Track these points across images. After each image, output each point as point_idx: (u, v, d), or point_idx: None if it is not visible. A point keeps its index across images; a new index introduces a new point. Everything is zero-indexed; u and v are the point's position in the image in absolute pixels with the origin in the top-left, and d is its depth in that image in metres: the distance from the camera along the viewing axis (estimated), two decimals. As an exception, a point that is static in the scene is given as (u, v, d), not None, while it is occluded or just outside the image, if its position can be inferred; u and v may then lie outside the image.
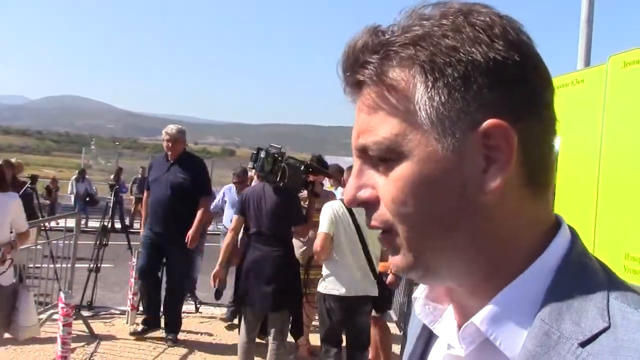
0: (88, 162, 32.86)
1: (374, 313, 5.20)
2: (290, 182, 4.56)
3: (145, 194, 6.55)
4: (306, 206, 5.10)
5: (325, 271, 4.52)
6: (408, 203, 0.64)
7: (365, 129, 0.67)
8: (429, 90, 0.62)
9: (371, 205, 0.68)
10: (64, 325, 4.52)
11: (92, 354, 5.42)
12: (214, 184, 8.16)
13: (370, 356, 5.36)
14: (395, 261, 0.68)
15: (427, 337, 0.81)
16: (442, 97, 0.62)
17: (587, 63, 3.26)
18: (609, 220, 2.48)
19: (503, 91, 0.62)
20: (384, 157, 0.65)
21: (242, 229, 5.12)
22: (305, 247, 5.52)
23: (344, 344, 4.68)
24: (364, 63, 0.66)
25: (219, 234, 7.78)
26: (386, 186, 0.65)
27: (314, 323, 5.84)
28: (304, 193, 5.11)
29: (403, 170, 0.64)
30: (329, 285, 4.46)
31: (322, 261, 4.54)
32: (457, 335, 0.68)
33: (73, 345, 5.09)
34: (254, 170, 5.02)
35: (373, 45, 0.66)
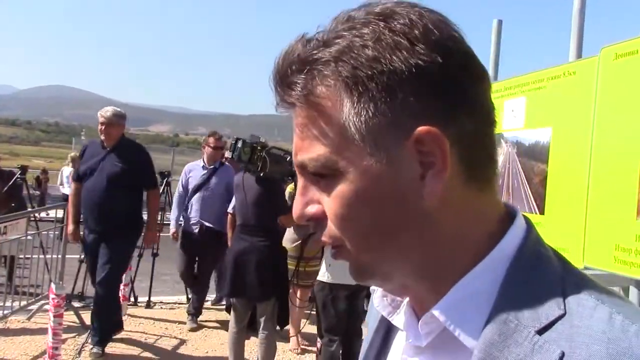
0: (78, 152, 32.60)
1: (366, 305, 5.23)
2: (271, 172, 4.55)
3: (73, 186, 5.68)
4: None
5: (328, 261, 4.53)
6: (350, 218, 0.65)
7: (301, 147, 0.67)
8: (355, 105, 0.62)
9: (319, 220, 0.68)
10: (54, 316, 4.51)
11: (83, 344, 5.40)
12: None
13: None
14: (353, 272, 0.70)
15: (386, 329, 0.82)
16: (369, 112, 0.61)
17: (579, 55, 3.27)
18: (599, 211, 2.49)
19: (430, 96, 0.62)
20: (322, 174, 0.65)
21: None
22: (299, 241, 5.52)
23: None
24: (290, 84, 0.65)
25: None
26: (328, 203, 0.66)
27: (306, 311, 5.86)
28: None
29: (341, 187, 0.64)
30: (333, 274, 4.47)
31: (326, 249, 4.55)
32: (415, 326, 0.70)
33: (64, 336, 5.08)
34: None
35: (299, 61, 0.65)
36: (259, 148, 4.50)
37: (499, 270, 0.64)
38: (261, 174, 4.53)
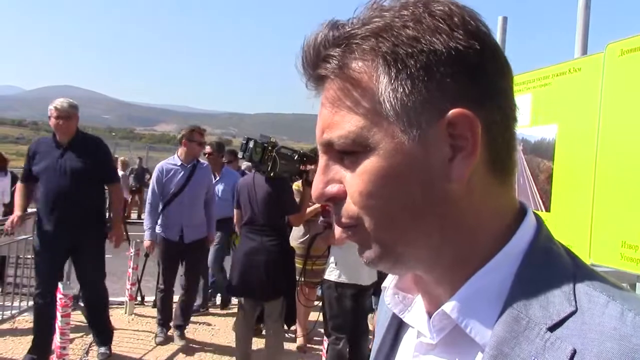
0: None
1: (374, 304, 5.25)
2: (282, 171, 4.56)
3: (20, 187, 5.14)
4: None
5: (334, 260, 4.53)
6: (375, 195, 0.64)
7: (330, 124, 0.66)
8: (392, 81, 0.62)
9: (339, 200, 0.68)
10: (62, 316, 4.53)
11: (90, 344, 5.43)
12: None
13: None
14: (365, 255, 0.69)
15: (397, 327, 0.82)
16: (406, 89, 0.62)
17: (585, 51, 3.26)
18: (605, 208, 2.49)
19: (465, 80, 0.62)
20: (350, 151, 0.65)
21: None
22: (305, 237, 5.52)
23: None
24: (326, 57, 0.65)
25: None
26: (353, 180, 0.65)
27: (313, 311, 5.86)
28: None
29: (370, 163, 0.64)
30: (341, 274, 4.47)
31: (332, 249, 4.56)
32: (427, 323, 0.70)
33: (71, 335, 5.10)
34: (248, 163, 5.03)
35: (334, 38, 0.65)
36: (269, 148, 4.50)
37: (511, 266, 0.64)
38: (271, 174, 4.54)
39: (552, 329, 0.58)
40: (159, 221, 5.78)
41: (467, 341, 0.63)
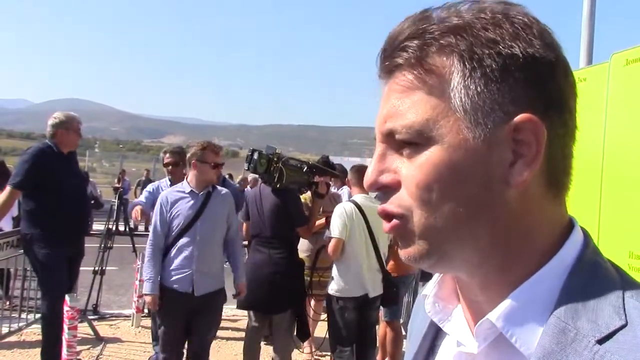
0: (92, 165, 32.97)
1: (383, 316, 5.22)
2: (289, 182, 4.55)
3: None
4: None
5: (336, 272, 4.52)
6: (433, 188, 0.64)
7: (395, 113, 0.67)
8: (466, 78, 0.63)
9: (391, 190, 0.68)
10: (69, 329, 4.53)
11: (97, 356, 5.44)
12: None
13: (378, 357, 5.37)
14: (408, 250, 0.68)
15: (434, 335, 0.81)
16: (479, 87, 0.63)
17: (590, 61, 3.26)
18: (612, 218, 2.47)
19: (537, 88, 0.63)
20: (412, 142, 0.65)
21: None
22: (311, 249, 5.51)
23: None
24: (404, 47, 0.66)
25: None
26: (411, 170, 0.65)
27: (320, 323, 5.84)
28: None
29: (431, 155, 0.64)
30: (341, 287, 4.46)
31: (334, 261, 4.55)
32: (469, 332, 0.69)
33: (79, 348, 5.10)
34: (254, 174, 4.99)
35: (413, 32, 0.66)
36: (275, 160, 4.50)
37: (559, 278, 0.63)
38: (277, 186, 4.53)
39: (601, 342, 0.57)
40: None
41: (510, 351, 0.62)
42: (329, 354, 5.17)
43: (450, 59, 0.64)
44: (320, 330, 5.41)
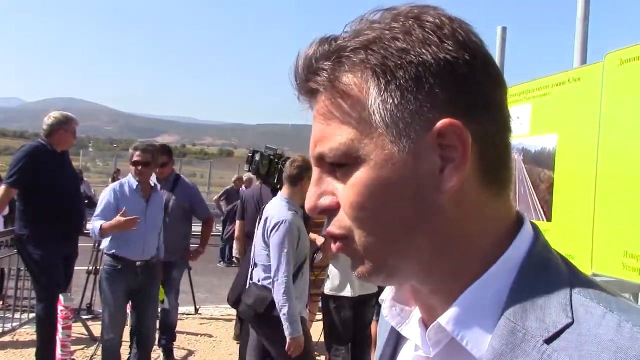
0: (86, 165, 32.89)
1: (376, 314, 5.20)
2: None
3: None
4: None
5: (332, 272, 4.52)
6: (366, 207, 0.64)
7: (322, 137, 0.67)
8: (382, 93, 0.63)
9: (332, 212, 0.68)
10: (63, 328, 4.51)
11: (91, 356, 5.41)
12: (213, 185, 7.87)
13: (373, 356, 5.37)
14: (359, 270, 0.68)
15: (396, 339, 0.81)
16: (395, 100, 0.62)
17: (584, 61, 3.27)
18: (607, 218, 2.48)
19: (455, 91, 0.63)
20: (342, 163, 0.65)
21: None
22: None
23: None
24: (317, 70, 0.66)
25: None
26: (345, 192, 0.65)
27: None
28: None
29: (361, 175, 0.64)
30: (337, 287, 4.46)
31: (330, 261, 4.55)
32: (424, 336, 0.69)
33: (73, 348, 5.08)
34: (249, 173, 4.98)
35: (325, 52, 0.66)
36: (276, 160, 4.49)
37: (508, 277, 0.63)
38: (278, 186, 4.53)
39: (548, 341, 0.57)
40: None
41: (463, 354, 0.63)
42: (325, 353, 5.17)
43: (364, 76, 0.64)
44: (315, 331, 5.40)
